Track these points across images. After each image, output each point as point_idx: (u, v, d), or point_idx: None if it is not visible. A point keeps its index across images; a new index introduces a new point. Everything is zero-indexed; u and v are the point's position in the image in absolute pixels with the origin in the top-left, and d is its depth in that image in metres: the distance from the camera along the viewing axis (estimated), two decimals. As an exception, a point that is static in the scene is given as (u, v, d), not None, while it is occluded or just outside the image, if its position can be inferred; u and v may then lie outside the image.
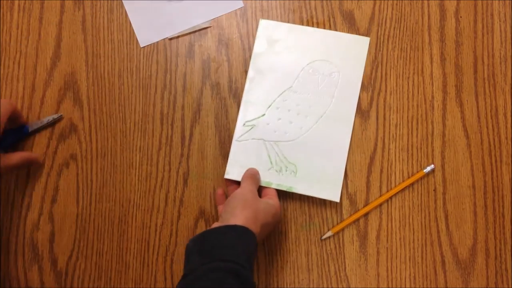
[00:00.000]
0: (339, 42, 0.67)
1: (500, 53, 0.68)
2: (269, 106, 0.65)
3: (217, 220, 0.65)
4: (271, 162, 0.64)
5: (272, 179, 0.63)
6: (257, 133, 0.65)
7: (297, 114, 0.65)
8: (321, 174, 0.63)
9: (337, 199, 0.62)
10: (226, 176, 0.64)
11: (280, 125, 0.65)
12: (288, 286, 0.63)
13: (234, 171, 0.64)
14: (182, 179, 0.66)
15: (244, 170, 0.63)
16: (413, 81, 0.67)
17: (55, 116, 0.66)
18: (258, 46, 0.67)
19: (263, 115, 0.65)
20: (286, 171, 0.63)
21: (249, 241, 0.50)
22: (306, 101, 0.65)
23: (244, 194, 0.57)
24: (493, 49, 0.68)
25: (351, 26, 0.69)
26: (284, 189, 0.63)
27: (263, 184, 0.63)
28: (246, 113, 0.66)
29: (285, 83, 0.66)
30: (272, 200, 0.59)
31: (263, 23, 0.68)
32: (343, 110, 0.65)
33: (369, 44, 0.68)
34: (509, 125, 0.66)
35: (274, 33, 0.67)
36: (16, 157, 0.62)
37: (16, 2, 0.71)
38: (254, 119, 0.65)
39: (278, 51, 0.67)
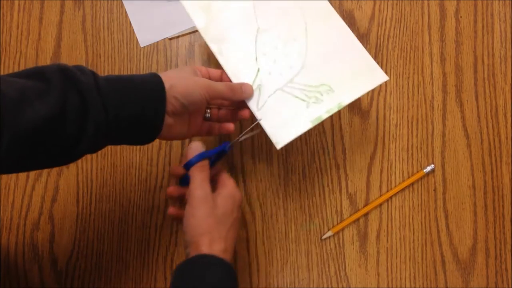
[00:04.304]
0: None
1: (500, 53, 0.68)
2: (256, 59, 0.59)
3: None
4: (303, 100, 0.57)
5: (318, 112, 0.56)
6: (269, 88, 0.58)
7: (285, 45, 0.59)
8: (352, 72, 0.57)
9: (386, 77, 0.57)
10: (280, 146, 0.55)
11: (280, 65, 0.59)
12: (288, 286, 0.63)
13: (281, 135, 0.55)
14: (182, 179, 0.66)
15: (289, 129, 0.55)
16: (413, 81, 0.67)
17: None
18: (198, 21, 0.59)
19: (258, 70, 0.59)
20: (322, 95, 0.57)
21: (230, 281, 0.46)
22: (282, 29, 0.59)
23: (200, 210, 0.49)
24: (493, 49, 0.68)
25: (351, 26, 0.69)
26: (336, 109, 0.56)
27: (314, 123, 0.55)
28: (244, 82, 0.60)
29: (251, 28, 0.60)
30: (227, 189, 0.51)
31: (186, 2, 0.60)
32: (319, 11, 0.60)
33: (369, 44, 0.68)
34: (509, 125, 0.66)
35: None
36: (220, 85, 0.52)
37: (16, 2, 0.71)
38: (255, 80, 0.58)
39: (219, 7, 0.60)
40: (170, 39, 0.70)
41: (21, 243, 0.65)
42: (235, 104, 0.57)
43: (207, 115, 0.55)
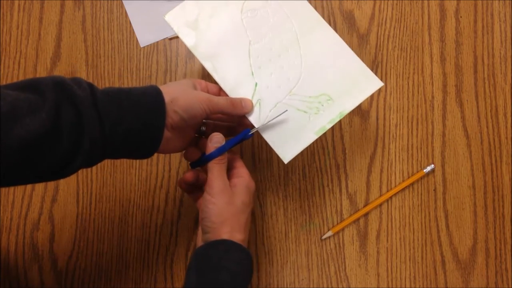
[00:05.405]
0: None
1: (500, 53, 0.68)
2: (252, 73, 0.59)
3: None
4: (305, 111, 0.57)
5: (321, 123, 0.57)
6: (269, 102, 0.58)
7: (278, 57, 0.59)
8: (350, 80, 0.58)
9: (381, 83, 0.57)
10: (287, 161, 0.56)
11: (276, 78, 0.58)
12: (288, 286, 0.63)
13: (286, 149, 0.56)
14: (182, 179, 0.66)
15: (294, 143, 0.56)
16: (413, 81, 0.67)
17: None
18: (187, 39, 0.59)
19: (256, 84, 0.59)
20: (322, 105, 0.57)
21: (248, 266, 0.48)
22: (273, 40, 0.59)
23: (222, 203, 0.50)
24: (493, 49, 0.68)
25: (351, 26, 0.69)
26: (338, 118, 0.57)
27: (318, 134, 0.56)
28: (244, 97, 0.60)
29: (242, 43, 0.59)
30: (243, 179, 0.52)
31: (169, 18, 0.60)
32: (307, 19, 0.60)
33: (369, 44, 0.68)
34: (509, 125, 0.66)
35: (187, 15, 0.59)
36: (221, 99, 0.52)
37: (16, 2, 0.71)
38: (254, 94, 0.59)
39: (207, 25, 0.59)
40: (170, 39, 0.70)
41: (21, 243, 0.65)
42: (232, 120, 0.58)
43: (203, 128, 0.55)
